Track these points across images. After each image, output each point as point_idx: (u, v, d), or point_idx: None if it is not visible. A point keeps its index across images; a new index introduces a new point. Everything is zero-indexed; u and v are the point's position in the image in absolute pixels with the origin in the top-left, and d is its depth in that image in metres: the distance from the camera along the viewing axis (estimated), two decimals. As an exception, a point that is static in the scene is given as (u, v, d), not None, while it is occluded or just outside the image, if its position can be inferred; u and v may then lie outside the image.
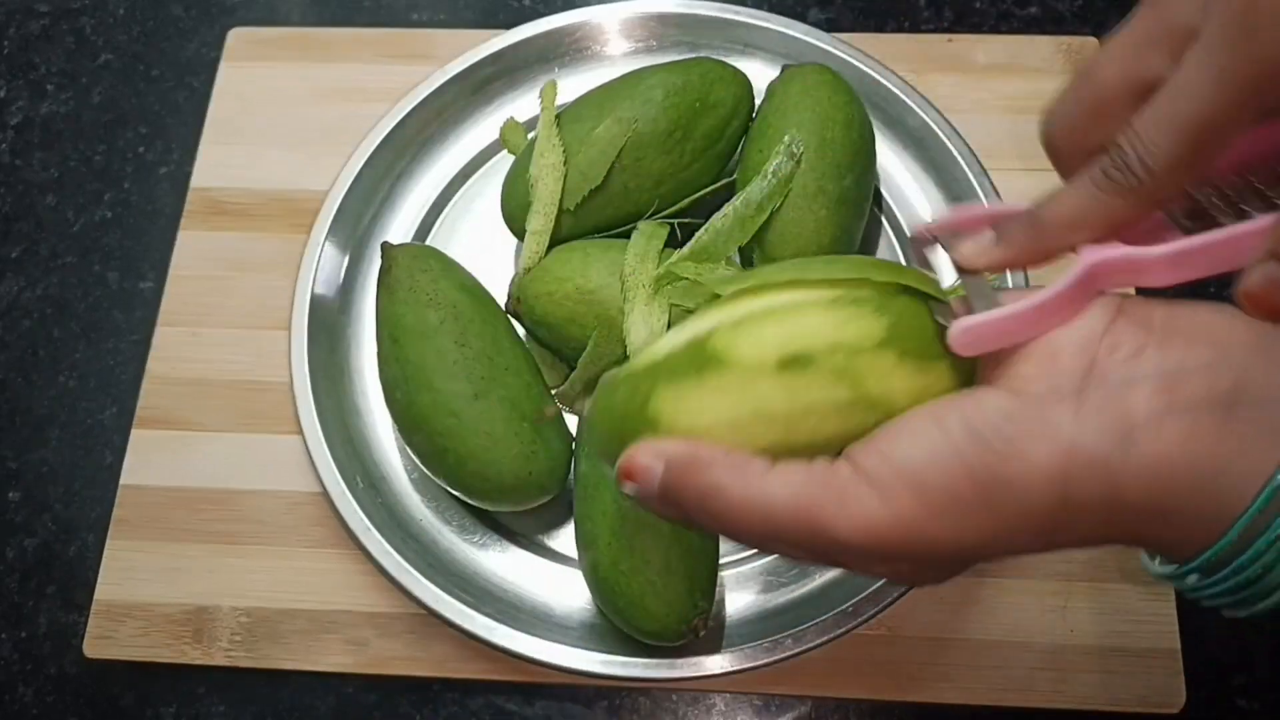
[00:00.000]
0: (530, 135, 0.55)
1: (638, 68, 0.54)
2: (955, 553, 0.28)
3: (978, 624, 0.49)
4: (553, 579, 0.50)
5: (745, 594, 0.49)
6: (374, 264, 0.55)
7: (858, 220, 0.52)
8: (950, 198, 0.56)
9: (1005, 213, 0.31)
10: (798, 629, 0.45)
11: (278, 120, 0.62)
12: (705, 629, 0.45)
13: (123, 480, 0.54)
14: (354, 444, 0.52)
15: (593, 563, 0.46)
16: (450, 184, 0.59)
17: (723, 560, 0.49)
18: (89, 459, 0.56)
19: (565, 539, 0.51)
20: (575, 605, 0.49)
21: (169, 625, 0.51)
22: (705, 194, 0.52)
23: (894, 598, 0.45)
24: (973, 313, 0.29)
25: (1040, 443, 0.27)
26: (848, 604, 0.45)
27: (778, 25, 0.58)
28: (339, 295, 0.56)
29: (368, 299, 0.56)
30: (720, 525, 0.29)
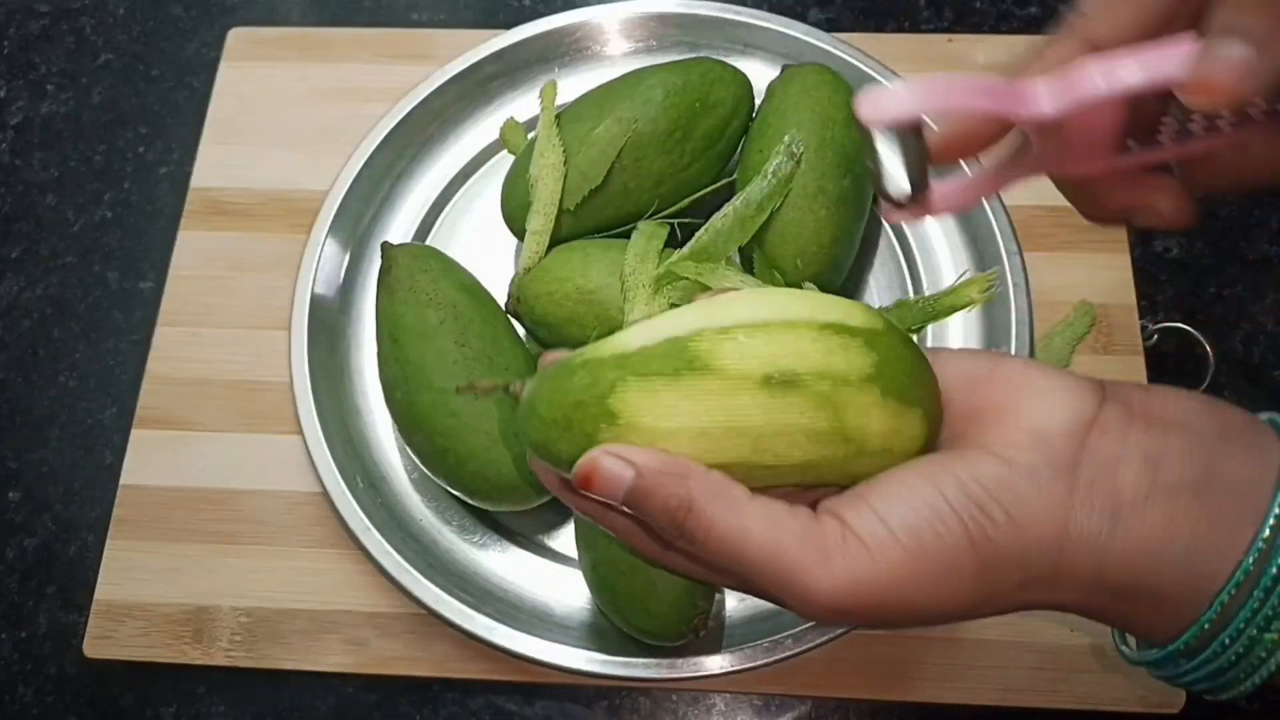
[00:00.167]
0: (530, 135, 0.55)
1: (638, 68, 0.54)
2: (932, 615, 0.28)
3: (978, 624, 0.49)
4: (553, 579, 0.50)
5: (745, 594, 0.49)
6: (374, 264, 0.55)
7: (858, 220, 0.52)
8: (950, 198, 0.56)
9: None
10: (798, 629, 0.45)
11: (278, 120, 0.62)
12: (705, 629, 0.45)
13: (123, 480, 0.54)
14: (354, 444, 0.52)
15: (593, 563, 0.46)
16: (450, 184, 0.59)
17: (723, 560, 0.49)
18: (89, 459, 0.56)
19: (565, 539, 0.51)
20: (575, 605, 0.49)
21: (169, 625, 0.51)
22: (705, 194, 0.52)
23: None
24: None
25: (1039, 516, 0.27)
26: (848, 604, 0.45)
27: (778, 25, 0.58)
28: (339, 295, 0.56)
29: (368, 299, 0.56)
30: (689, 544, 0.28)
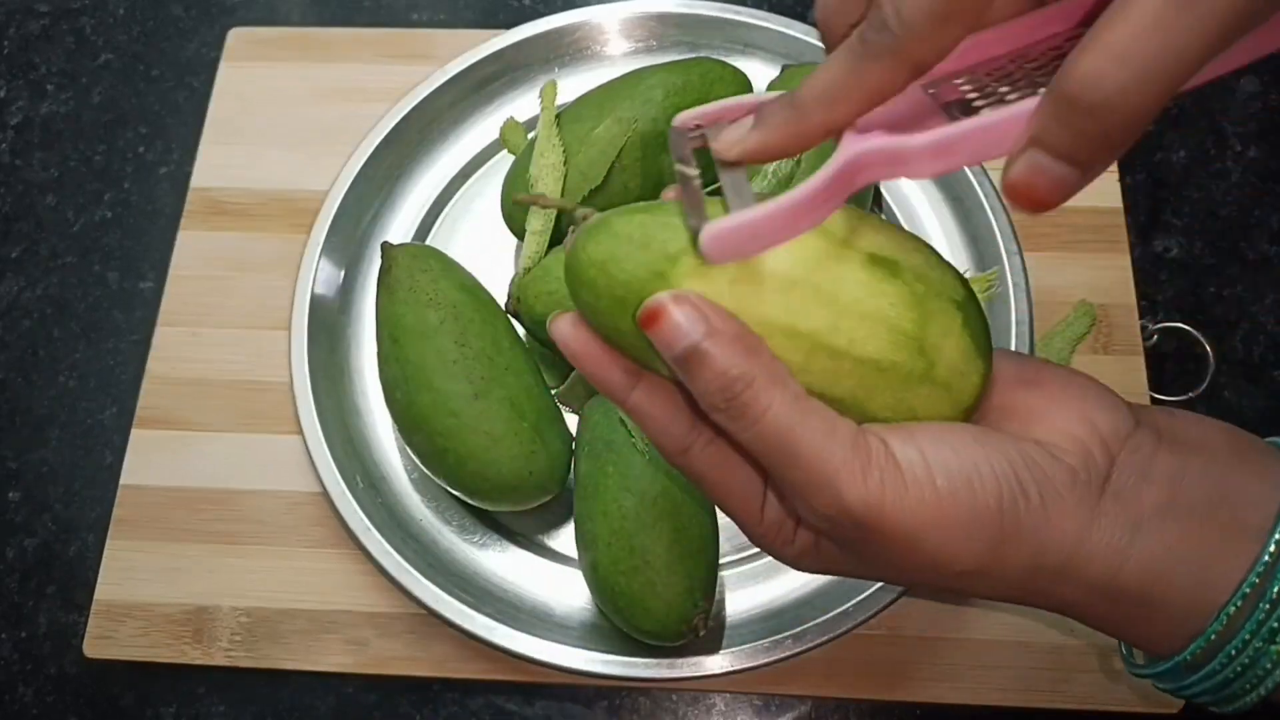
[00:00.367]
0: (530, 135, 0.55)
1: (638, 68, 0.54)
2: (939, 567, 0.28)
3: (978, 624, 0.49)
4: (553, 579, 0.50)
5: (745, 594, 0.49)
6: (374, 264, 0.55)
7: (858, 220, 0.52)
8: (950, 196, 0.56)
9: (771, 99, 0.28)
10: (798, 629, 0.45)
11: (278, 120, 0.62)
12: (705, 629, 0.45)
13: (123, 480, 0.54)
14: (354, 444, 0.52)
15: (593, 563, 0.46)
16: (450, 184, 0.59)
17: (723, 560, 0.49)
18: (89, 459, 0.56)
19: (565, 539, 0.51)
20: (575, 605, 0.49)
21: (169, 625, 0.51)
22: (705, 194, 0.52)
23: (894, 598, 0.45)
24: (727, 208, 0.27)
25: (1067, 512, 0.28)
26: (848, 604, 0.45)
27: (778, 25, 0.58)
28: (339, 295, 0.56)
29: (368, 299, 0.56)
30: (736, 420, 0.27)
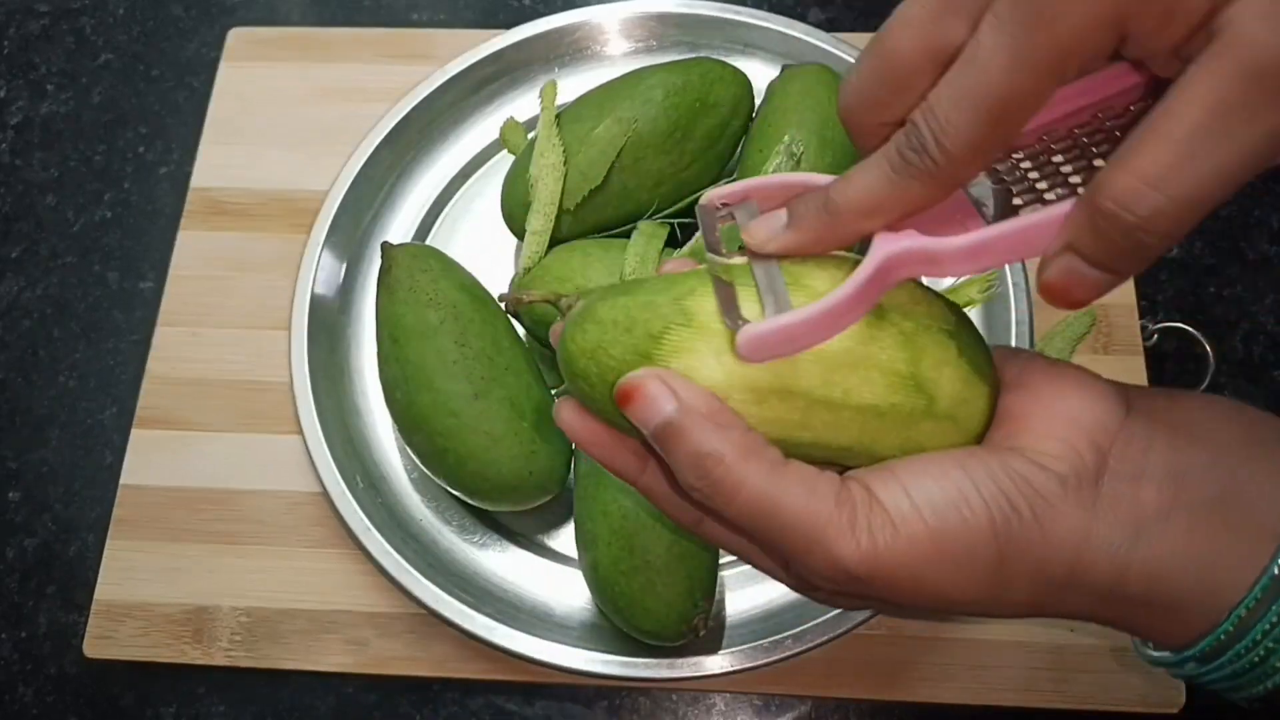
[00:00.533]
0: (530, 135, 0.55)
1: (638, 68, 0.54)
2: (941, 601, 0.28)
3: (978, 624, 0.49)
4: (553, 579, 0.50)
5: (745, 594, 0.49)
6: (374, 264, 0.55)
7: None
8: (950, 198, 0.56)
9: (802, 183, 0.28)
10: (798, 629, 0.45)
11: (278, 120, 0.62)
12: (705, 629, 0.45)
13: (123, 480, 0.54)
14: (354, 444, 0.52)
15: (593, 563, 0.46)
16: (450, 184, 0.59)
17: (723, 560, 0.49)
18: (89, 459, 0.56)
19: (565, 539, 0.51)
20: (575, 605, 0.49)
21: (169, 625, 0.51)
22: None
23: (894, 598, 0.45)
24: (763, 307, 0.27)
25: (1062, 522, 0.27)
26: (848, 604, 0.46)
27: (778, 25, 0.58)
28: (339, 295, 0.56)
29: (368, 299, 0.56)
30: (712, 498, 0.27)
